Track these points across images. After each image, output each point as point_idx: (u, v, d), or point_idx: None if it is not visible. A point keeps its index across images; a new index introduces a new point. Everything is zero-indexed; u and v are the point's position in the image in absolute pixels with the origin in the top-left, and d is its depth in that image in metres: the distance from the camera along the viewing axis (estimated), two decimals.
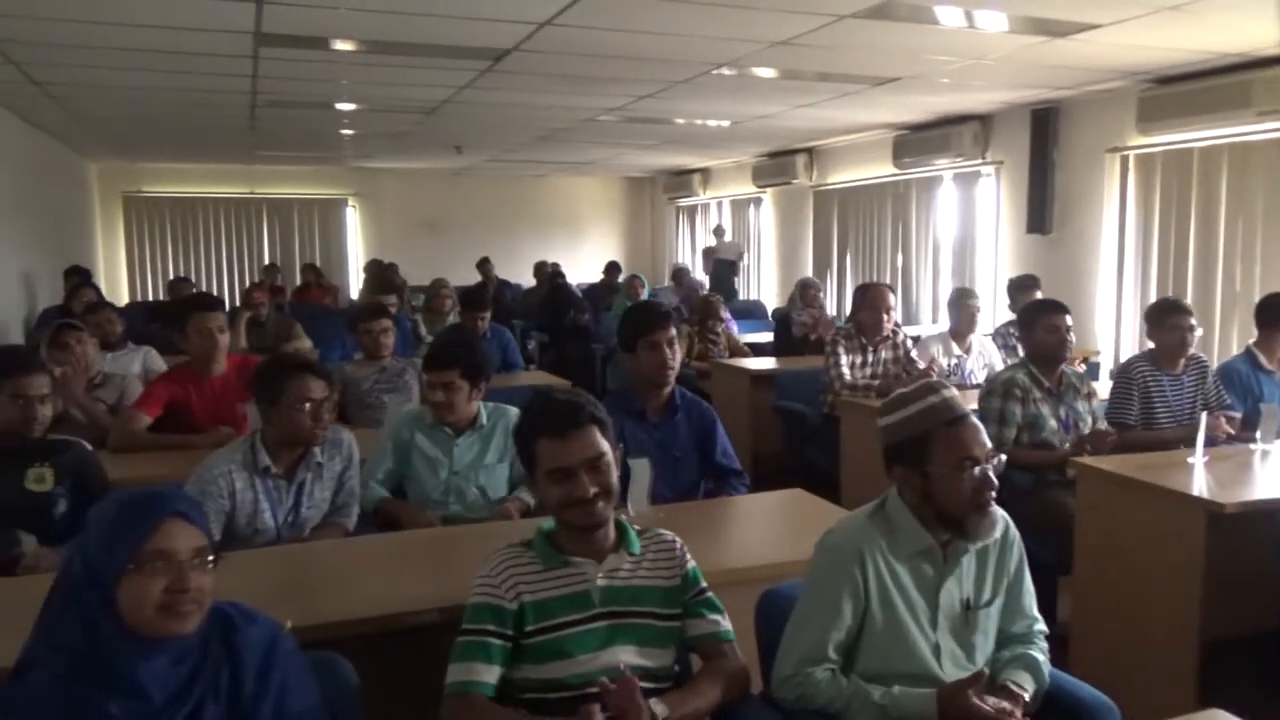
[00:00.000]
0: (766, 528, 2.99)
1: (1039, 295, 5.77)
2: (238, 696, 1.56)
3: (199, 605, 1.51)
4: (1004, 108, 7.51)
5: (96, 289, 7.07)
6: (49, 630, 1.51)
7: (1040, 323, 3.88)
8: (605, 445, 1.89)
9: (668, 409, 3.16)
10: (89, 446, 2.97)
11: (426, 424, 3.18)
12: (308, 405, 2.79)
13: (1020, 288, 6.02)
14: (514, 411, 3.13)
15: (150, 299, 11.47)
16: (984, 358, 5.40)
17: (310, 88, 6.61)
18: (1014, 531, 1.98)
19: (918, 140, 8.44)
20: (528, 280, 11.54)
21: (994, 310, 7.46)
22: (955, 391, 1.98)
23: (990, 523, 1.86)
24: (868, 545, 1.86)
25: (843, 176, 10.10)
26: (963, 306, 5.44)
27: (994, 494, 1.85)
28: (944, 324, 5.70)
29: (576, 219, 14.47)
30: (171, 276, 11.26)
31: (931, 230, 8.90)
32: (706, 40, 5.14)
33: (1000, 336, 5.84)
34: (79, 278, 7.74)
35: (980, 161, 7.99)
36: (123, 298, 11.29)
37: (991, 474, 1.83)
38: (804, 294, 7.13)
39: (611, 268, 11.25)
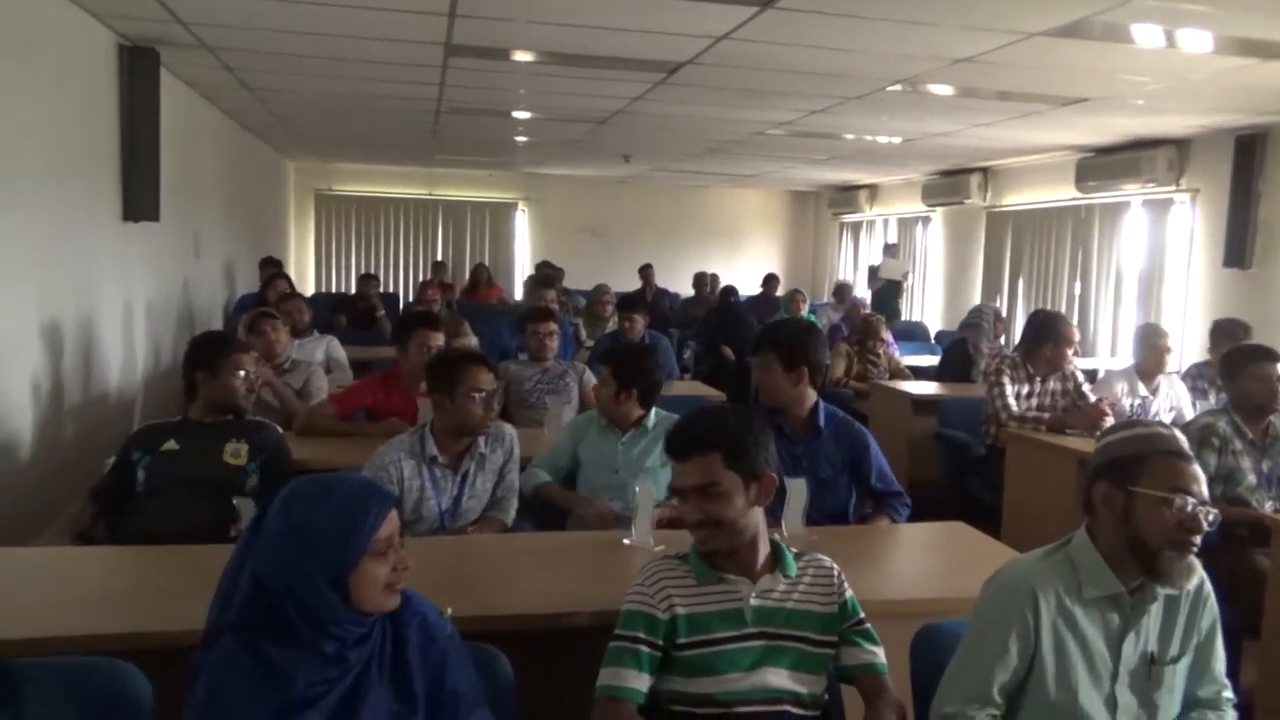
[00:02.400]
0: (924, 560, 2.90)
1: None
2: (400, 667, 1.66)
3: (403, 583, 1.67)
4: (1203, 132, 7.02)
5: (289, 279, 7.57)
6: (225, 601, 1.62)
7: (1248, 370, 3.63)
8: (722, 474, 1.85)
9: (809, 428, 3.10)
10: (280, 430, 3.20)
11: (601, 424, 3.35)
12: (480, 395, 2.94)
13: (1228, 334, 5.29)
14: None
15: (335, 290, 12.22)
16: (1171, 399, 5.00)
17: (491, 96, 6.89)
18: (1209, 588, 1.84)
19: (1104, 164, 7.99)
20: (686, 289, 11.61)
21: (1182, 347, 6.96)
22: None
23: (1187, 567, 1.73)
24: (1042, 586, 1.76)
25: (1019, 198, 9.69)
26: (1150, 345, 4.99)
27: (1198, 540, 1.72)
28: (1122, 358, 5.31)
29: (737, 230, 14.47)
30: (356, 272, 12.06)
31: (1115, 259, 8.41)
32: (884, 56, 5.05)
33: (1190, 378, 5.38)
34: (273, 268, 8.29)
35: (1174, 189, 7.50)
36: (309, 288, 12.07)
37: (1203, 517, 1.71)
38: (995, 324, 6.54)
39: (770, 280, 11.18)
